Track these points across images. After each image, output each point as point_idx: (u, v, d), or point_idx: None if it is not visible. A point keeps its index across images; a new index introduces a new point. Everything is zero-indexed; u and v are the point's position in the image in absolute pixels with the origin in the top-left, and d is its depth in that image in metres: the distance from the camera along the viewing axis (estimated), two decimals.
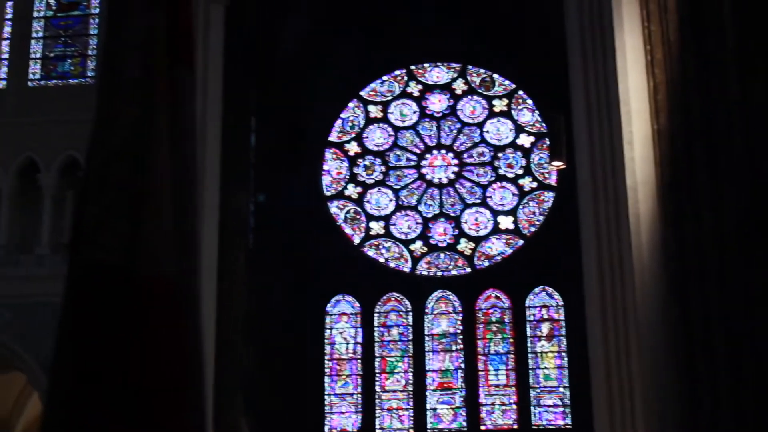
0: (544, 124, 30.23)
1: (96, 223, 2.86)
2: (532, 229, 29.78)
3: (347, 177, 31.42)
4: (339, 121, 31.88)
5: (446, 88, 31.93)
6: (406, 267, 30.17)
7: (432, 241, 30.43)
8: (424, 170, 31.24)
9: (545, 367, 27.94)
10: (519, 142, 30.83)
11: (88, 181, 3.01)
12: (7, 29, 23.76)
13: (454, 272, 29.92)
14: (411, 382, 29.00)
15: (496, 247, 29.86)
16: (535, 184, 30.27)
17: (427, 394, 28.80)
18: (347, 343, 29.77)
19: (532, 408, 27.78)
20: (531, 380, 28.32)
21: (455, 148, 31.24)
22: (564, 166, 19.79)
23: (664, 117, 13.06)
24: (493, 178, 30.60)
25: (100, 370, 2.77)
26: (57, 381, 2.92)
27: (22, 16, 25.54)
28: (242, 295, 23.36)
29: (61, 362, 2.91)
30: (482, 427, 27.27)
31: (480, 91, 31.68)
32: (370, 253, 30.43)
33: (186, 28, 3.21)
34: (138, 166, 2.91)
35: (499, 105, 31.41)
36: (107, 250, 2.83)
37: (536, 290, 28.95)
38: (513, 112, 31.23)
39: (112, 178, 2.90)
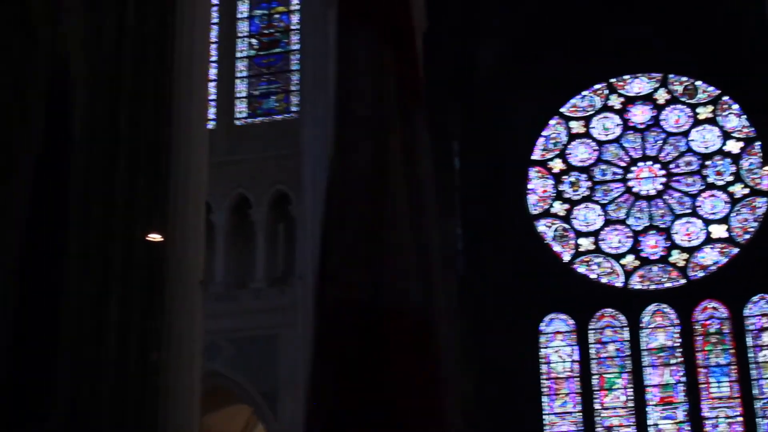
0: (753, 129, 30.22)
1: (340, 262, 3.00)
2: (747, 236, 29.31)
3: (553, 194, 31.29)
4: (541, 139, 31.87)
5: (648, 98, 31.68)
6: (619, 282, 29.93)
7: (643, 254, 30.09)
8: (630, 183, 30.97)
9: None
10: (727, 148, 30.34)
11: (328, 221, 3.16)
12: (213, 70, 24.04)
13: (668, 284, 29.54)
14: (631, 398, 28.76)
15: (710, 256, 29.46)
16: (746, 191, 29.73)
17: (648, 409, 28.49)
18: (563, 362, 29.65)
19: (758, 420, 27.30)
20: (755, 391, 27.69)
21: (661, 158, 30.95)
22: None
23: None
24: (702, 187, 30.20)
25: (353, 400, 2.94)
26: (314, 412, 3.11)
27: (226, 57, 26.36)
28: (455, 319, 23.52)
29: (316, 393, 3.11)
30: None
31: (683, 99, 31.38)
32: (581, 269, 30.31)
33: (413, 63, 3.32)
34: (375, 202, 3.04)
35: (704, 112, 31.01)
36: (352, 287, 2.99)
37: (755, 299, 28.30)
38: (719, 118, 30.86)
39: (352, 216, 3.03)
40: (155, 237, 14.28)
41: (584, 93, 32.10)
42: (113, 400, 12.35)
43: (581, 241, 30.71)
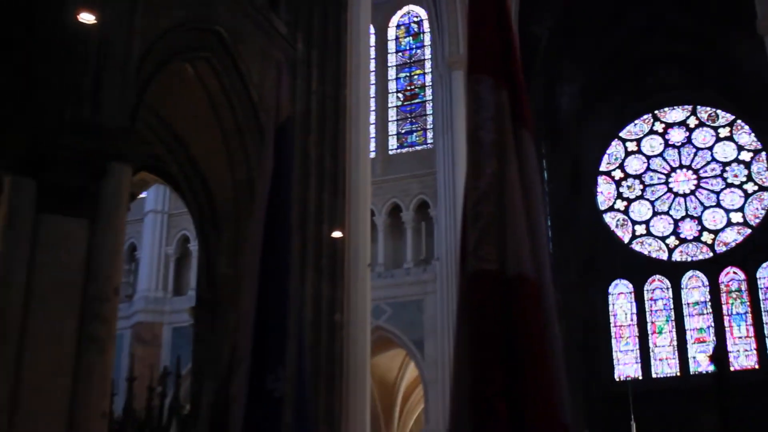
0: (759, 143, 33.12)
1: (476, 243, 3.21)
2: (757, 221, 32.49)
3: (615, 195, 34.81)
4: (606, 156, 35.45)
5: (682, 124, 35.01)
6: (664, 256, 33.39)
7: (682, 236, 33.51)
8: (671, 185, 34.50)
9: None
10: (741, 157, 33.61)
11: (466, 216, 3.35)
12: (372, 116, 23.93)
13: (700, 257, 32.92)
14: (675, 339, 32.00)
15: (731, 236, 32.70)
16: (756, 188, 33.11)
17: (688, 347, 31.79)
18: (625, 314, 32.89)
19: None
20: (766, 331, 30.72)
21: (693, 166, 34.39)
22: None
23: None
24: (723, 186, 33.62)
25: (487, 352, 3.11)
26: (457, 361, 3.30)
27: (381, 106, 28.52)
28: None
29: (459, 347, 3.29)
30: (731, 368, 28.67)
31: (708, 123, 34.55)
32: (637, 248, 33.79)
33: (524, 101, 3.45)
34: (500, 203, 3.26)
35: (723, 132, 34.20)
36: (485, 260, 3.21)
37: (764, 265, 31.54)
38: (734, 136, 33.96)
39: (483, 212, 3.24)
40: (337, 234, 15.16)
41: (636, 121, 35.67)
42: (311, 349, 13.04)
43: (636, 227, 34.13)
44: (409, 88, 29.08)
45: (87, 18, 10.39)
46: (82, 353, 9.44)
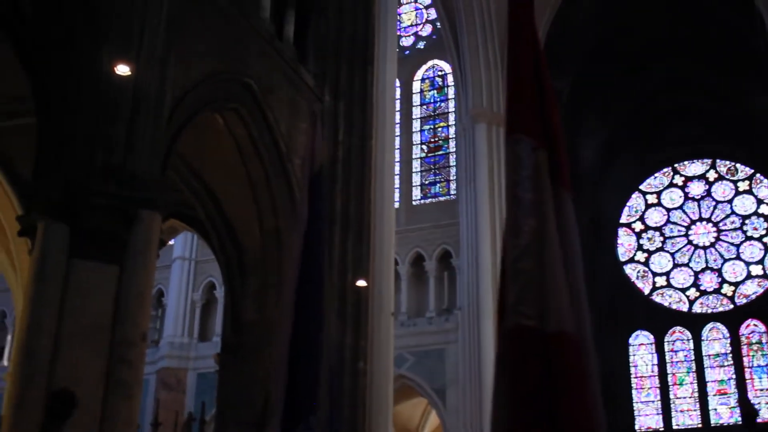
0: None
1: (516, 299, 3.19)
2: None
3: (635, 246, 34.80)
4: (626, 208, 35.63)
5: (702, 177, 35.14)
6: (685, 308, 33.27)
7: (702, 288, 33.36)
8: (691, 237, 34.52)
9: None
10: (761, 210, 33.66)
11: (505, 272, 3.34)
12: (397, 168, 24.01)
13: (720, 309, 32.70)
14: (696, 390, 31.72)
15: (751, 288, 32.60)
16: None
17: (709, 398, 31.44)
18: (646, 365, 32.76)
19: None
20: None
21: (713, 219, 34.45)
22: None
23: None
24: (743, 239, 33.57)
25: (526, 408, 3.08)
26: (496, 412, 3.23)
27: (406, 158, 29.06)
28: None
29: (498, 400, 3.23)
30: (758, 420, 26.19)
31: (727, 177, 34.73)
32: (657, 299, 33.72)
33: (563, 162, 3.43)
34: (539, 260, 3.25)
35: (743, 185, 34.35)
36: (525, 316, 3.18)
37: None
38: (754, 189, 34.13)
39: (523, 269, 3.23)
40: (361, 283, 14.94)
41: (656, 174, 35.84)
42: (334, 395, 12.48)
43: (657, 279, 34.11)
44: (433, 140, 29.63)
45: (123, 70, 10.55)
46: (108, 397, 9.46)
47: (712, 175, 35.25)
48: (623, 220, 35.84)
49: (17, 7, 11.36)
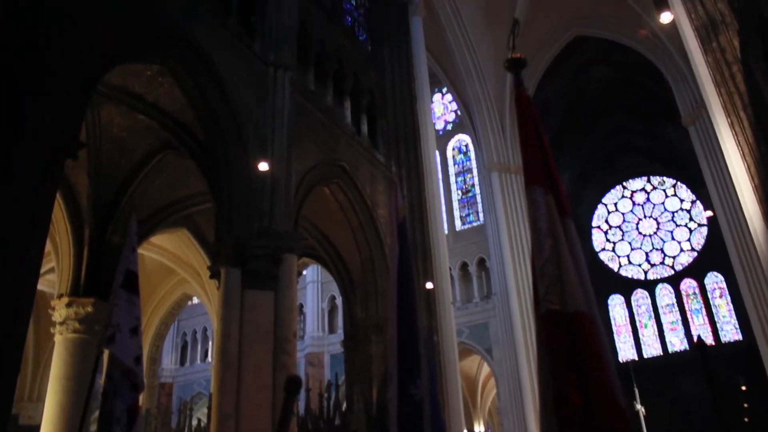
0: (693, 195, 38.58)
1: (544, 293, 3.54)
2: (699, 246, 37.03)
3: (604, 240, 40.28)
4: (595, 216, 41.04)
5: (642, 189, 40.31)
6: (642, 276, 38.03)
7: (652, 262, 37.95)
8: (640, 229, 39.59)
9: None
10: (683, 207, 38.77)
11: (535, 275, 3.66)
12: (443, 207, 24.81)
13: (666, 274, 37.28)
14: (656, 330, 35.49)
15: (684, 258, 37.21)
16: (696, 225, 38.09)
17: (665, 334, 35.42)
18: (620, 317, 37.16)
19: None
20: (715, 317, 34.42)
21: (653, 216, 39.62)
22: (713, 214, 22.92)
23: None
24: (674, 227, 38.64)
25: (562, 366, 3.35)
26: (541, 374, 3.49)
27: (448, 199, 32.24)
28: None
29: (541, 364, 3.48)
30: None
31: (659, 187, 39.86)
32: (623, 273, 38.89)
33: (564, 199, 3.80)
34: (558, 265, 3.62)
35: (670, 191, 39.58)
36: (552, 303, 3.51)
37: (708, 275, 35.49)
38: (677, 193, 39.41)
39: (547, 272, 3.58)
40: (429, 285, 16.01)
41: (612, 191, 40.94)
42: (429, 361, 10.58)
43: (621, 260, 39.28)
44: (464, 186, 33.23)
45: (263, 166, 11.42)
46: (276, 375, 10.25)
47: (648, 187, 40.45)
48: (594, 223, 40.80)
49: (194, 136, 12.37)
